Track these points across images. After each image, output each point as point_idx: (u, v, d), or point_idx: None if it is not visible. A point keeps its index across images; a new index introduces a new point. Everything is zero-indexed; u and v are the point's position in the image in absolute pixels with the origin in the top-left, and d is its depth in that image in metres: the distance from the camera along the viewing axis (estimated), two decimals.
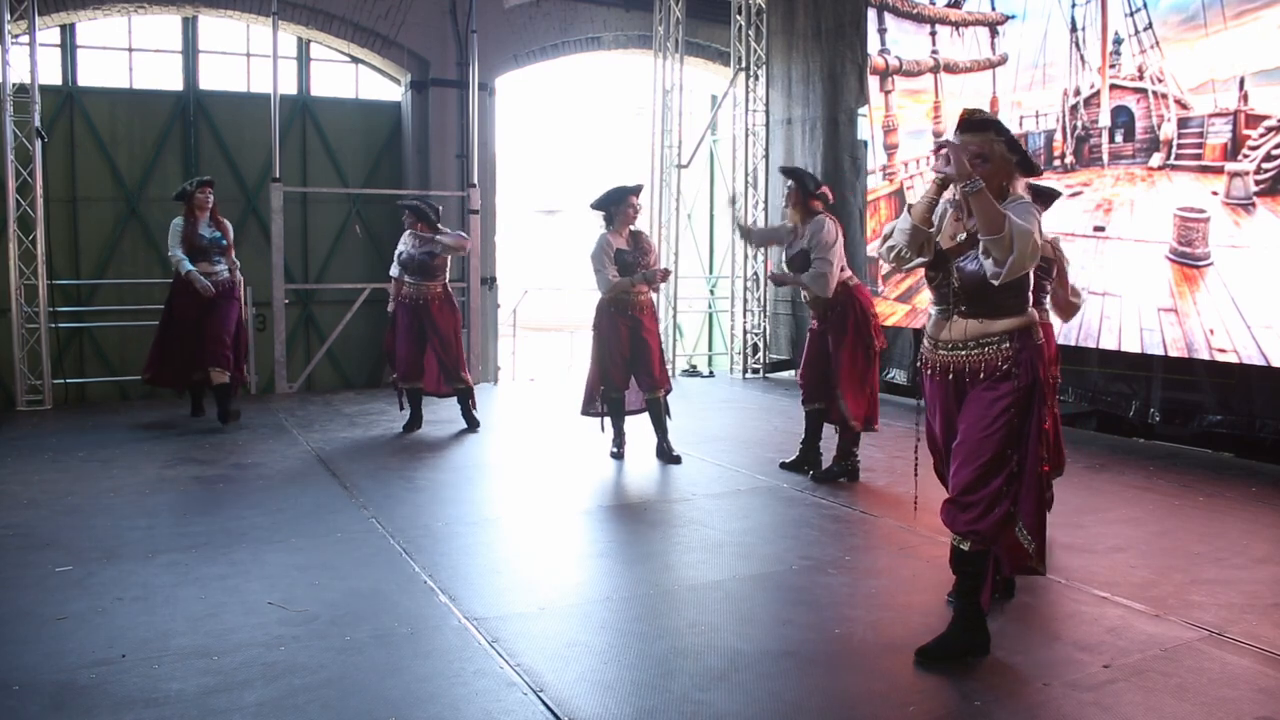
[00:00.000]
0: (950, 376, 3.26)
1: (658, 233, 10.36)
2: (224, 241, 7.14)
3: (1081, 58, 6.94)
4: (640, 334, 6.05)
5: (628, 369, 6.08)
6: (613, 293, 5.95)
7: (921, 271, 3.38)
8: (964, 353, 3.21)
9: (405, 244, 7.14)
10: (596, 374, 6.10)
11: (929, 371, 3.33)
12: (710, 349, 12.81)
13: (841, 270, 5.47)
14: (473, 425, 7.20)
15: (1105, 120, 6.79)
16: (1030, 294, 3.24)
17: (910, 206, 3.23)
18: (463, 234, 7.52)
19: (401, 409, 7.23)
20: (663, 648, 3.35)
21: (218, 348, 7.06)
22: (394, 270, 7.15)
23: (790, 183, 5.65)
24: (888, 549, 4.48)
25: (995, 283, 3.05)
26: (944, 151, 3.03)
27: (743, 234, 6.50)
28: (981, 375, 3.18)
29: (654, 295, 6.30)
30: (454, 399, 7.29)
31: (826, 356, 5.61)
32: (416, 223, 7.08)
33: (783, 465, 5.92)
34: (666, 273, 6.25)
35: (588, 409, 6.21)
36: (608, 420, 6.23)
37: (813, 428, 5.84)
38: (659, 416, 6.14)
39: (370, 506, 5.06)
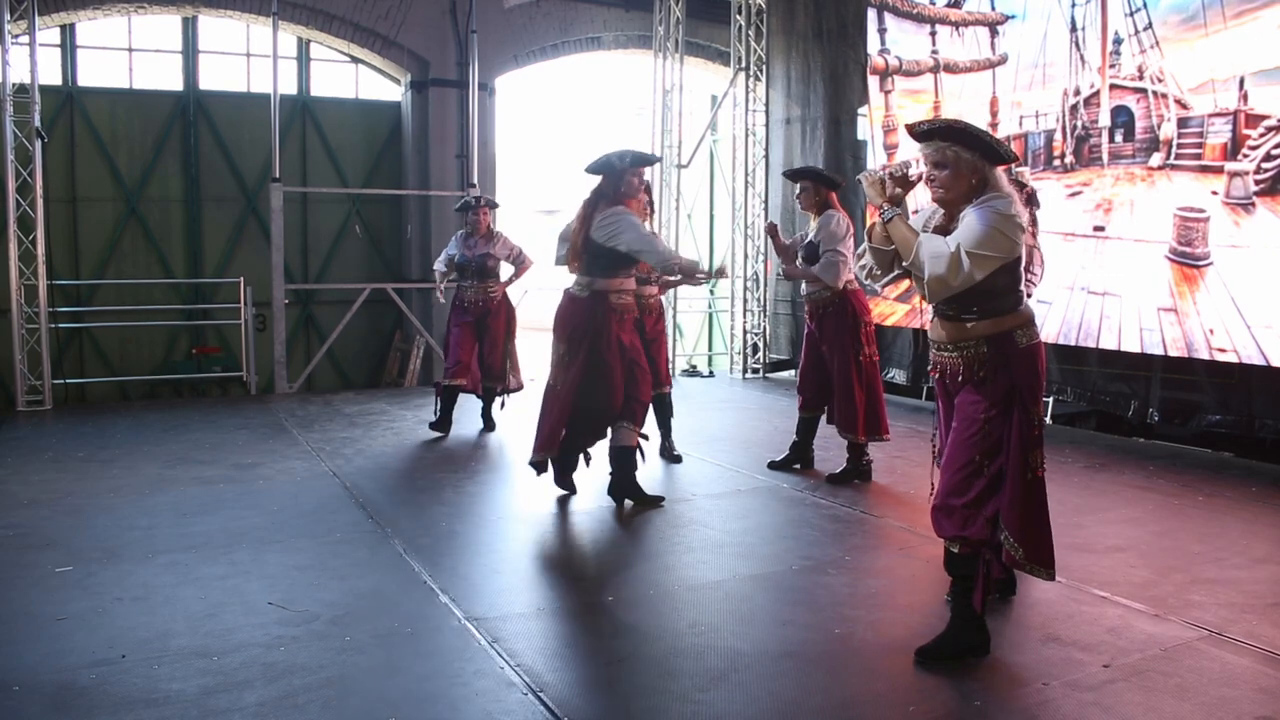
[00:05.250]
0: (938, 376, 3.29)
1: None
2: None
3: (1081, 58, 6.94)
4: (656, 335, 6.03)
5: None
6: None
7: None
8: (947, 354, 3.22)
9: (456, 246, 6.98)
10: None
11: (930, 369, 3.36)
12: (710, 349, 12.82)
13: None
14: (489, 425, 7.14)
15: (1105, 120, 6.79)
16: (1015, 294, 3.13)
17: (870, 227, 3.30)
18: (527, 257, 7.18)
19: (437, 412, 6.91)
20: (663, 648, 3.35)
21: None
22: (440, 267, 7.09)
23: (805, 183, 5.51)
24: (888, 549, 4.48)
25: (927, 302, 3.15)
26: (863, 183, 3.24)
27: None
28: (961, 379, 3.18)
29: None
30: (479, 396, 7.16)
31: (822, 363, 5.61)
32: (479, 222, 6.89)
33: (771, 465, 5.89)
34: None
35: None
36: None
37: (805, 429, 5.85)
38: (665, 413, 6.13)
39: (370, 506, 5.06)
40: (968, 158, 3.07)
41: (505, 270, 7.17)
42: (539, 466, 5.08)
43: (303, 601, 3.68)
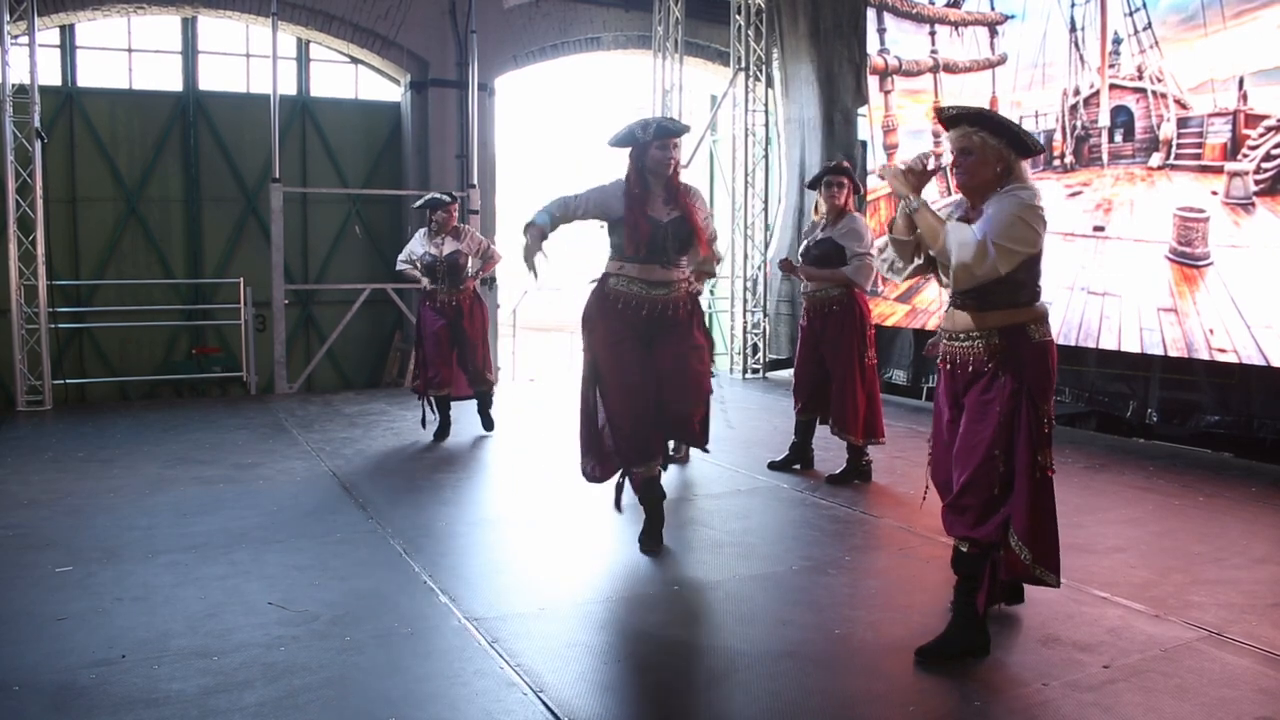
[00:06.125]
0: (949, 367, 3.27)
1: None
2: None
3: (1081, 58, 6.94)
4: None
5: None
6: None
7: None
8: (958, 344, 3.21)
9: (422, 245, 6.74)
10: None
11: (939, 359, 3.35)
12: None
13: None
14: (488, 426, 7.04)
15: (1105, 120, 6.79)
16: (1033, 288, 3.13)
17: (892, 220, 3.30)
18: (495, 250, 7.03)
19: (425, 424, 6.81)
20: (663, 648, 3.35)
21: None
22: (403, 267, 6.87)
23: (842, 180, 5.51)
24: (888, 549, 4.48)
25: (951, 291, 3.14)
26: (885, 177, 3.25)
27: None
28: (971, 369, 3.16)
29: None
30: (471, 400, 7.01)
31: (819, 363, 5.60)
32: (449, 219, 6.67)
33: (771, 465, 5.90)
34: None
35: None
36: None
37: (804, 430, 5.85)
38: None
39: (370, 506, 5.06)
40: (994, 144, 3.05)
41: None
42: (592, 479, 4.51)
43: (303, 601, 3.68)
